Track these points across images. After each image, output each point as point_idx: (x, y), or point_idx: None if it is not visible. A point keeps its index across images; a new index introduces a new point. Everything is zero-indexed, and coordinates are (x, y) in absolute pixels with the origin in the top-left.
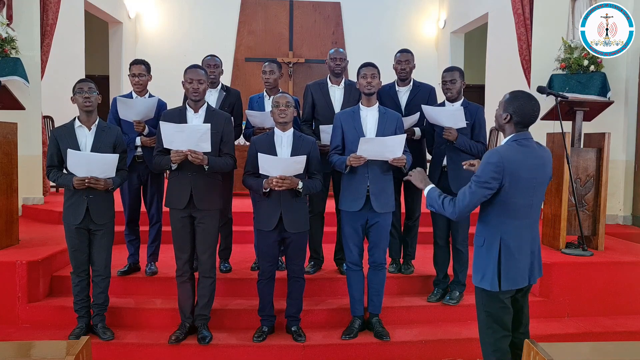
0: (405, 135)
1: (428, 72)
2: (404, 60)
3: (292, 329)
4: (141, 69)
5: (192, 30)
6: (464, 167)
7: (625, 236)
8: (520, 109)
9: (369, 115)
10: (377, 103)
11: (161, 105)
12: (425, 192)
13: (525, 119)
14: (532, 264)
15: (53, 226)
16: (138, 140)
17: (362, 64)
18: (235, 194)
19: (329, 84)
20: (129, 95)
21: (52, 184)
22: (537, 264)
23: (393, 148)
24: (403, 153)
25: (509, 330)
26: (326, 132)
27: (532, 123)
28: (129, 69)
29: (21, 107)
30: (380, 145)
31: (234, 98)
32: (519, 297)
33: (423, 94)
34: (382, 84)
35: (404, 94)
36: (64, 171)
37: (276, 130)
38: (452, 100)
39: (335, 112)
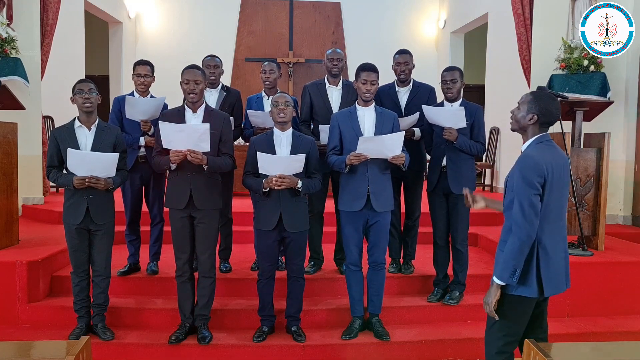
0: (403, 132)
1: (428, 72)
2: (403, 62)
3: (292, 329)
4: (147, 70)
5: (192, 30)
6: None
7: (625, 236)
8: (547, 109)
9: (367, 115)
10: (374, 102)
11: (166, 105)
12: (497, 279)
13: (551, 119)
14: (567, 267)
15: (53, 226)
16: (142, 140)
17: (362, 66)
18: (235, 194)
19: (327, 84)
20: (131, 95)
21: (52, 184)
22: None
23: (392, 146)
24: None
25: (519, 337)
26: (325, 131)
27: (554, 123)
28: (134, 69)
29: (21, 107)
30: (380, 144)
31: (234, 98)
32: (540, 302)
33: (423, 94)
34: (382, 84)
35: (403, 95)
36: (64, 171)
37: (275, 130)
38: (451, 100)
39: (333, 112)
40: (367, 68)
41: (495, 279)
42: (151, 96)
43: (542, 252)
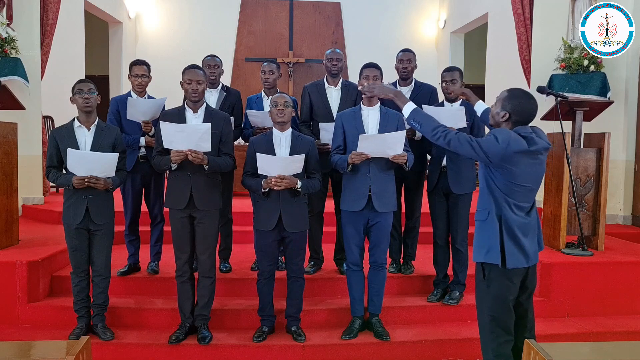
0: (405, 131)
1: (428, 72)
2: (406, 59)
3: (292, 329)
4: (144, 70)
5: (192, 30)
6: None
7: (625, 236)
8: (520, 107)
9: (371, 115)
10: (379, 103)
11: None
12: (408, 108)
13: (524, 118)
14: (534, 244)
15: (53, 226)
16: (142, 141)
17: (365, 64)
18: (235, 194)
19: (326, 84)
20: (128, 95)
21: (52, 184)
22: (539, 241)
23: (393, 145)
24: (404, 151)
25: (512, 335)
26: (326, 130)
27: (530, 122)
28: (130, 69)
29: (21, 107)
30: (380, 142)
31: (234, 98)
32: (523, 301)
33: (424, 94)
34: (384, 84)
35: (405, 94)
36: (64, 171)
37: (274, 130)
38: (451, 100)
39: (333, 112)
40: (369, 65)
41: (408, 107)
42: (148, 96)
43: (505, 226)
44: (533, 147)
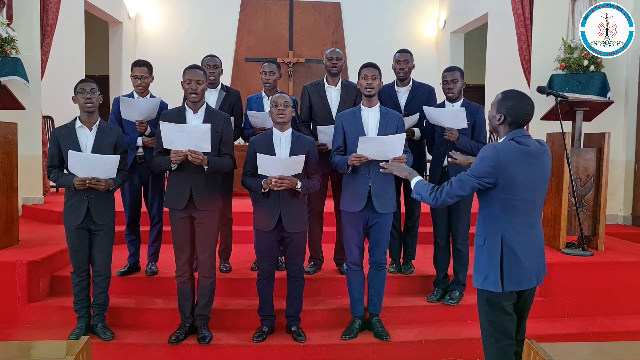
0: (404, 134)
1: (428, 72)
2: (403, 60)
3: (292, 329)
4: (144, 71)
5: (192, 30)
6: (449, 159)
7: (625, 236)
8: (514, 108)
9: (370, 116)
10: (379, 103)
11: (162, 106)
12: (413, 182)
13: (519, 119)
14: (538, 263)
15: (53, 226)
16: (139, 141)
17: (364, 64)
18: (235, 194)
19: (326, 84)
20: (131, 95)
21: (52, 184)
22: (542, 262)
23: (393, 147)
24: (404, 153)
25: (513, 339)
26: (323, 132)
27: (526, 122)
28: (131, 70)
29: (21, 107)
30: (379, 145)
31: (234, 98)
32: (521, 306)
33: (423, 95)
34: (383, 84)
35: (403, 94)
36: (65, 171)
37: (275, 130)
38: (452, 100)
39: (332, 113)
40: (367, 65)
41: (415, 181)
42: (151, 96)
43: (506, 248)
44: (525, 149)
